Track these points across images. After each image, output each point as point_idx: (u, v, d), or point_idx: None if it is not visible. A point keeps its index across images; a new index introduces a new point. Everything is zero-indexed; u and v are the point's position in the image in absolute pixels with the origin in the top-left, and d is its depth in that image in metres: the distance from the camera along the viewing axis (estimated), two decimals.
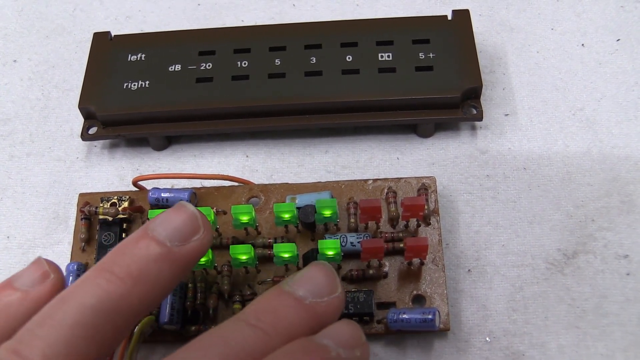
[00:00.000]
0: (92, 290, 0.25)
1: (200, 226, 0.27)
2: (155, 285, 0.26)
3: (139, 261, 0.26)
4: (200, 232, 0.27)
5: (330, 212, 0.35)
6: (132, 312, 0.25)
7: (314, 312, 0.27)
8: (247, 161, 0.43)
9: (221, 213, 0.38)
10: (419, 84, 0.41)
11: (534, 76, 0.44)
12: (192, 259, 0.27)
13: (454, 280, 0.37)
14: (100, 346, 0.24)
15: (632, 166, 0.40)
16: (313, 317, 0.27)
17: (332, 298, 0.28)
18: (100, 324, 0.24)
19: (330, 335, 0.27)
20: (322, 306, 0.27)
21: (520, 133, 0.42)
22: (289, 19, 0.48)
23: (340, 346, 0.26)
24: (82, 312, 0.24)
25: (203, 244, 0.27)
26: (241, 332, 0.25)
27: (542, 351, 0.35)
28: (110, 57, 0.44)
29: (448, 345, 0.36)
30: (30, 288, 0.27)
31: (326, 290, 0.28)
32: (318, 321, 0.27)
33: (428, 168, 0.41)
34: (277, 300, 0.27)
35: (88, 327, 0.24)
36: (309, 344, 0.26)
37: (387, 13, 0.48)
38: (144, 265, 0.26)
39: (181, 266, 0.27)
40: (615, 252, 0.38)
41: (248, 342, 0.25)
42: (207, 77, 0.42)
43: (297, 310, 0.27)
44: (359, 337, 0.27)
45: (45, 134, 0.45)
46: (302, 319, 0.27)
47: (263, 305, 0.27)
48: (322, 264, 0.29)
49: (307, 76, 0.42)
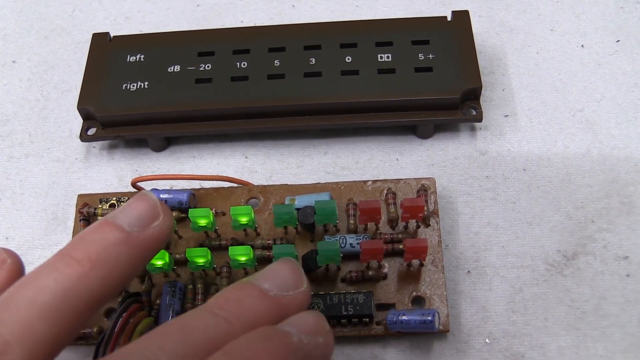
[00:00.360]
0: (51, 273, 0.25)
1: (160, 212, 0.28)
2: (114, 269, 0.26)
3: (98, 245, 0.26)
4: (160, 218, 0.28)
5: (330, 213, 0.35)
6: (90, 295, 0.25)
7: (278, 304, 0.27)
8: (246, 162, 0.43)
9: (220, 214, 0.38)
10: (419, 85, 0.41)
11: (533, 77, 0.44)
12: (152, 244, 0.27)
13: (453, 282, 0.37)
14: (59, 328, 0.24)
15: (631, 167, 0.40)
16: (277, 308, 0.27)
17: (297, 292, 0.28)
18: (58, 305, 0.24)
19: (292, 323, 0.27)
20: (286, 299, 0.28)
21: (519, 134, 0.42)
22: (289, 19, 0.48)
23: (302, 333, 0.26)
24: (40, 293, 0.24)
25: (162, 230, 0.28)
26: (203, 320, 0.26)
27: (542, 352, 0.35)
28: (110, 58, 0.44)
29: (447, 347, 0.36)
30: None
31: (291, 284, 0.28)
32: (282, 312, 0.27)
33: (427, 169, 0.41)
34: (241, 292, 0.27)
35: (46, 309, 0.24)
36: (270, 330, 0.26)
37: (386, 14, 0.48)
38: (102, 249, 0.26)
39: (141, 251, 0.27)
40: (615, 254, 0.38)
41: (209, 330, 0.25)
42: (206, 78, 0.42)
43: (261, 301, 0.27)
44: (323, 325, 0.28)
45: (44, 134, 0.45)
46: (266, 309, 0.27)
47: (226, 295, 0.27)
48: (288, 259, 0.29)
49: (306, 77, 0.42)
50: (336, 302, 0.34)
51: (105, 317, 0.36)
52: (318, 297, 0.35)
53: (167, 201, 0.37)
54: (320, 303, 0.34)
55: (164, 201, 0.37)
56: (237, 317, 0.26)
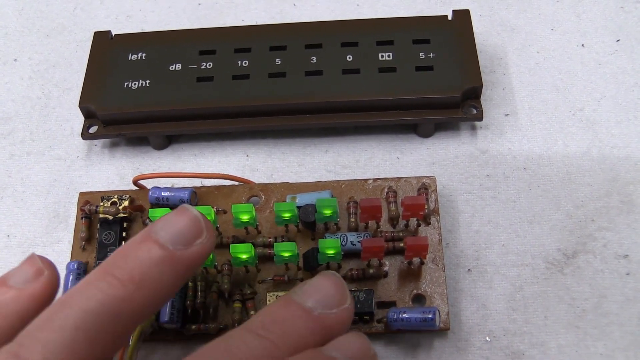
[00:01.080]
0: (94, 294, 0.25)
1: (204, 229, 0.27)
2: (157, 289, 0.26)
3: (141, 265, 0.25)
4: (203, 236, 0.27)
5: (331, 211, 0.35)
6: (133, 316, 0.25)
7: (323, 324, 0.27)
8: (247, 160, 0.43)
9: (221, 212, 0.38)
10: (419, 84, 0.41)
11: (534, 76, 0.44)
12: (195, 262, 0.27)
13: (454, 280, 0.37)
14: (100, 350, 0.24)
15: (631, 166, 0.40)
16: (322, 328, 0.27)
17: (341, 310, 0.27)
18: (101, 328, 0.24)
19: (338, 347, 0.27)
20: (331, 318, 0.27)
21: (520, 133, 0.42)
22: (290, 18, 0.48)
23: (348, 357, 0.26)
24: (84, 316, 0.24)
25: (205, 248, 0.27)
26: (248, 343, 0.25)
27: (542, 350, 0.35)
28: (111, 56, 0.44)
29: (448, 345, 0.36)
30: (23, 285, 0.27)
31: (335, 302, 0.27)
32: (326, 333, 0.27)
33: (428, 168, 0.41)
34: (285, 311, 0.27)
35: (89, 331, 0.24)
36: (317, 355, 0.26)
37: (387, 13, 0.48)
38: (146, 269, 0.25)
39: (184, 270, 0.26)
40: (615, 252, 0.38)
41: (254, 353, 0.25)
42: (207, 76, 0.42)
43: (305, 322, 0.27)
44: (368, 349, 0.27)
45: (46, 132, 0.45)
46: (311, 331, 0.26)
47: (271, 315, 0.27)
48: (332, 274, 0.29)
49: (307, 76, 0.42)
50: None
51: None
52: None
53: (168, 199, 0.37)
54: None
55: (165, 199, 0.37)
56: (282, 338, 0.26)
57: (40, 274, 0.28)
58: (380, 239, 0.35)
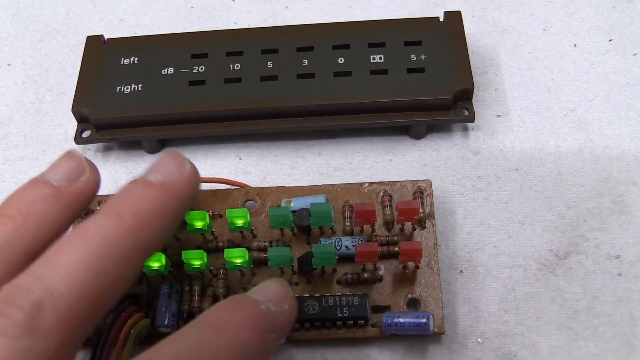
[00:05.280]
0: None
1: (86, 168, 0.29)
2: (45, 221, 0.27)
3: (28, 200, 0.27)
4: (86, 174, 0.29)
5: (325, 215, 0.35)
6: (24, 247, 0.26)
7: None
8: (240, 163, 0.43)
9: (217, 216, 0.38)
10: (411, 86, 0.41)
11: (526, 77, 0.44)
12: (80, 197, 0.28)
13: (446, 282, 0.37)
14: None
15: (623, 167, 0.40)
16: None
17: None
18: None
19: (259, 291, 0.29)
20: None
21: (512, 134, 0.42)
22: (282, 21, 0.49)
23: (269, 300, 0.29)
24: None
25: (89, 184, 0.29)
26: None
27: (534, 352, 0.35)
28: (104, 61, 0.44)
29: (440, 347, 0.36)
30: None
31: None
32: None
33: (420, 169, 0.42)
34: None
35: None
36: (239, 299, 0.28)
37: (379, 15, 0.48)
38: (32, 204, 0.27)
39: (69, 204, 0.28)
40: (607, 253, 0.38)
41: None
42: (199, 80, 0.42)
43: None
44: (287, 292, 0.30)
45: (39, 137, 0.45)
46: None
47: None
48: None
49: (299, 78, 0.42)
50: (331, 304, 0.35)
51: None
52: (313, 299, 0.35)
53: None
54: (316, 305, 0.35)
55: None
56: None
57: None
58: (375, 243, 0.35)
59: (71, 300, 0.24)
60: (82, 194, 0.29)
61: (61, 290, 0.24)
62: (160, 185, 0.28)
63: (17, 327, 0.23)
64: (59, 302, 0.23)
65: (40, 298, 0.23)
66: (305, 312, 0.35)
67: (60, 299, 0.23)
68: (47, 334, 0.23)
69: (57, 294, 0.23)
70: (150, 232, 0.27)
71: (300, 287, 0.36)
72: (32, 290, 0.23)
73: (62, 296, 0.23)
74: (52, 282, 0.24)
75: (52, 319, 0.23)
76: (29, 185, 0.28)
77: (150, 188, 0.28)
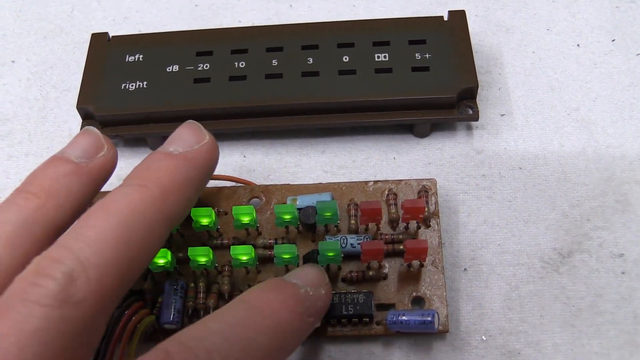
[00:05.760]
0: (11, 208, 0.27)
1: (104, 144, 0.30)
2: (68, 197, 0.28)
3: (50, 178, 0.28)
4: (104, 150, 0.30)
5: (331, 213, 0.35)
6: (48, 223, 0.27)
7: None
8: (244, 161, 0.43)
9: (222, 213, 0.38)
10: (415, 84, 0.41)
11: (529, 76, 0.45)
12: (99, 173, 0.30)
13: (450, 280, 0.38)
14: (23, 257, 0.25)
15: (627, 166, 0.41)
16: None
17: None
18: (21, 234, 0.26)
19: (297, 276, 0.31)
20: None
21: (516, 133, 0.42)
22: (286, 19, 0.49)
23: (307, 285, 0.30)
24: (2, 226, 0.26)
25: (108, 159, 0.30)
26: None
27: (538, 349, 0.36)
28: (108, 58, 0.44)
29: (444, 344, 0.36)
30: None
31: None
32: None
33: (424, 168, 0.42)
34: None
35: (10, 238, 0.26)
36: (279, 282, 0.30)
37: (383, 14, 0.48)
38: (54, 181, 0.28)
39: (90, 179, 0.29)
40: (610, 251, 0.38)
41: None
42: (204, 77, 0.42)
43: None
44: (323, 278, 0.32)
45: (44, 134, 0.45)
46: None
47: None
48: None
49: (304, 77, 0.42)
50: (336, 302, 0.35)
51: None
52: None
53: None
54: None
55: None
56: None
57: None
58: (380, 241, 0.35)
59: (101, 271, 0.24)
60: (101, 170, 0.29)
61: (92, 261, 0.24)
62: (181, 155, 0.29)
63: (50, 297, 0.23)
64: (90, 272, 0.24)
65: (72, 269, 0.24)
66: None
67: (91, 269, 0.24)
68: (80, 303, 0.23)
69: (88, 264, 0.24)
70: (174, 202, 0.28)
71: None
72: (64, 261, 0.24)
73: (93, 267, 0.24)
74: (82, 253, 0.24)
75: (84, 289, 0.23)
76: (50, 162, 0.29)
77: (172, 159, 0.29)
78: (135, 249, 0.26)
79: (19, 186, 0.28)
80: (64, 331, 0.23)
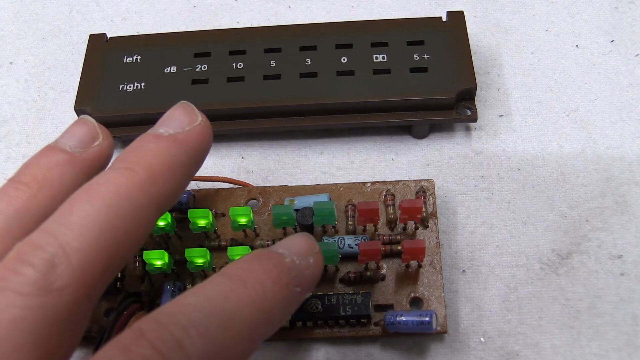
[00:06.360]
0: (2, 198, 0.26)
1: (99, 133, 0.29)
2: (61, 187, 0.27)
3: (43, 167, 0.27)
4: (99, 139, 0.29)
5: (328, 214, 0.35)
6: (40, 212, 0.26)
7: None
8: (242, 162, 0.43)
9: (220, 215, 0.38)
10: (414, 85, 0.41)
11: (528, 77, 0.45)
12: (95, 162, 0.29)
13: (448, 281, 0.37)
14: (11, 244, 0.25)
15: (626, 167, 0.40)
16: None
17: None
18: (11, 225, 0.26)
19: (283, 245, 0.28)
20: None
21: (514, 134, 0.42)
22: (285, 20, 0.49)
23: (294, 254, 0.28)
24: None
25: (103, 149, 0.29)
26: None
27: (536, 351, 0.35)
28: (106, 59, 0.44)
29: (443, 346, 0.36)
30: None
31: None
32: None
33: (423, 169, 0.42)
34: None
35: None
36: (263, 251, 0.28)
37: (382, 14, 0.48)
38: (47, 170, 0.27)
39: (84, 169, 0.28)
40: (609, 253, 0.38)
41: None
42: (202, 78, 0.42)
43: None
44: (313, 246, 0.29)
45: (42, 135, 0.45)
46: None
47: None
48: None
49: (302, 77, 0.42)
50: (334, 303, 0.35)
51: (105, 316, 0.37)
52: (316, 298, 0.35)
53: None
54: (319, 303, 0.35)
55: None
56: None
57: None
58: (377, 242, 0.35)
59: (85, 257, 0.23)
60: (96, 159, 0.29)
61: (74, 246, 0.23)
62: (171, 137, 0.28)
63: (30, 284, 0.22)
64: (72, 258, 0.23)
65: (53, 255, 0.23)
66: (308, 310, 0.35)
67: (73, 255, 0.23)
68: (61, 291, 0.23)
69: (70, 250, 0.23)
70: (163, 185, 0.26)
71: None
72: (45, 248, 0.23)
73: (75, 252, 0.23)
74: (64, 238, 0.23)
75: (66, 276, 0.23)
76: (44, 152, 0.28)
77: (161, 140, 0.27)
78: (121, 234, 0.25)
79: (11, 176, 0.28)
80: (46, 320, 0.22)
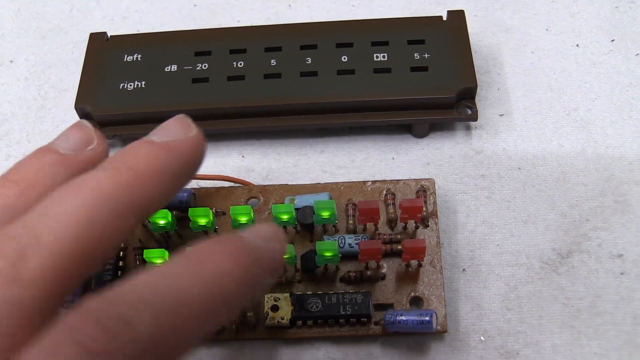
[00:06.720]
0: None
1: (94, 138, 0.29)
2: (51, 187, 0.26)
3: (34, 167, 0.27)
4: (93, 143, 0.28)
5: (329, 213, 0.35)
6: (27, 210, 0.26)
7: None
8: (242, 161, 0.43)
9: (220, 214, 0.38)
10: (414, 84, 0.41)
11: (529, 76, 0.44)
12: (87, 166, 0.28)
13: (448, 280, 0.37)
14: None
15: (626, 166, 0.40)
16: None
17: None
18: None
19: (248, 230, 0.28)
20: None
21: (515, 133, 0.42)
22: (285, 19, 0.49)
23: (258, 238, 0.27)
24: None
25: (96, 153, 0.28)
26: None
27: (536, 350, 0.35)
28: (107, 58, 0.44)
29: (443, 345, 0.36)
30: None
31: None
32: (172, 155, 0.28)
33: (423, 168, 0.42)
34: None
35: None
36: (226, 235, 0.27)
37: (382, 14, 0.48)
38: (37, 170, 0.27)
39: (75, 172, 0.27)
40: (609, 252, 0.38)
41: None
42: (203, 77, 0.42)
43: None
44: (278, 233, 0.28)
45: (42, 134, 0.45)
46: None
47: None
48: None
49: (302, 76, 0.42)
50: (335, 302, 0.35)
51: None
52: (316, 297, 0.35)
53: None
54: (319, 302, 0.35)
55: None
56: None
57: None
58: (378, 241, 0.35)
59: (57, 250, 0.23)
60: (88, 163, 0.28)
61: (47, 239, 0.23)
62: (163, 144, 0.27)
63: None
64: (44, 250, 0.22)
65: (25, 246, 0.22)
66: (308, 309, 0.35)
67: (45, 247, 0.23)
68: (29, 283, 0.22)
69: (43, 242, 0.23)
70: (147, 189, 0.26)
71: (303, 284, 0.36)
72: (18, 239, 0.23)
73: (48, 245, 0.23)
74: (40, 230, 0.23)
75: (36, 268, 0.22)
76: (36, 153, 0.28)
77: (152, 146, 0.27)
78: (99, 231, 0.24)
79: (1, 175, 0.27)
80: (11, 311, 0.22)
